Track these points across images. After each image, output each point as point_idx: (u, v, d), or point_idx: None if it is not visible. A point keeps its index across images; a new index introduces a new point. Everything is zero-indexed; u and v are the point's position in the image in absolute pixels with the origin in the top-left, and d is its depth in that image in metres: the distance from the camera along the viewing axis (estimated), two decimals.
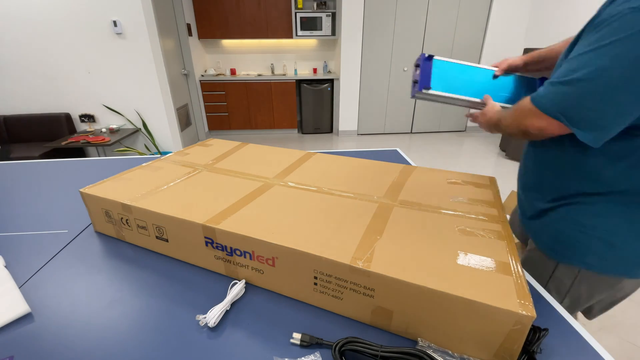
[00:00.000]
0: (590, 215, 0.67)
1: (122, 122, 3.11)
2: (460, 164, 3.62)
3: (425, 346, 0.48)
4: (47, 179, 1.15)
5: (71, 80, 2.90)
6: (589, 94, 0.56)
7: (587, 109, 0.56)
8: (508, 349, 0.44)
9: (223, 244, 0.61)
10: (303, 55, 4.88)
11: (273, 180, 0.80)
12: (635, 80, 0.52)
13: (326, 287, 0.54)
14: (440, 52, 4.33)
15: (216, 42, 4.70)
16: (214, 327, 0.53)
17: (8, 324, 0.54)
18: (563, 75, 0.59)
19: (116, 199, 0.71)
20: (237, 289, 0.59)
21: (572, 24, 3.42)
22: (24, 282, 0.64)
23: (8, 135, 2.96)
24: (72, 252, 0.74)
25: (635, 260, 0.67)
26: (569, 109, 0.58)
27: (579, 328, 0.53)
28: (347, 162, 0.93)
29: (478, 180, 0.80)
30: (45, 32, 2.72)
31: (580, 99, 0.57)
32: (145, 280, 0.64)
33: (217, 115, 4.64)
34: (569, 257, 0.72)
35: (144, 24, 2.75)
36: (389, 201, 0.69)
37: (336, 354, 0.46)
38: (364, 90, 4.46)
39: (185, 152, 1.02)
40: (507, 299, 0.42)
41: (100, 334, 0.52)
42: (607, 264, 0.68)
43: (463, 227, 0.59)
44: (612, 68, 0.53)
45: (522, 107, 0.67)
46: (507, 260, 0.50)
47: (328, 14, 4.28)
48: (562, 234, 0.71)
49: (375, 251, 0.53)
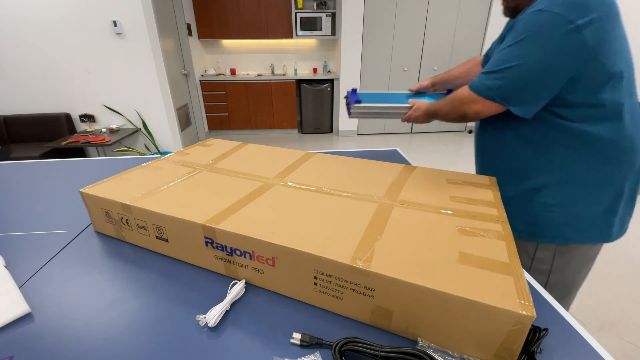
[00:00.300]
0: (552, 195, 0.81)
1: (122, 122, 3.11)
2: (460, 164, 3.63)
3: (425, 346, 0.48)
4: (47, 179, 1.15)
5: (71, 80, 2.90)
6: (514, 78, 0.72)
7: (515, 89, 0.73)
8: (508, 349, 0.44)
9: (223, 244, 0.61)
10: (303, 55, 4.89)
11: (273, 180, 0.80)
12: (546, 64, 0.69)
13: (326, 287, 0.54)
14: (440, 52, 4.34)
15: (216, 42, 4.70)
16: (214, 327, 0.53)
17: (8, 324, 0.54)
18: (493, 67, 0.75)
19: (116, 199, 0.71)
20: (237, 289, 0.59)
21: None
22: (24, 282, 0.64)
23: (8, 135, 2.96)
24: (72, 252, 0.74)
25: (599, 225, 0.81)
26: (502, 91, 0.75)
27: (579, 328, 0.53)
28: (347, 162, 0.93)
29: (478, 180, 0.80)
30: (45, 32, 2.72)
31: (509, 83, 0.73)
32: (145, 280, 0.64)
33: (217, 115, 4.64)
34: (546, 236, 0.84)
35: (144, 24, 2.75)
36: (389, 201, 0.69)
37: (336, 354, 0.46)
38: (364, 90, 4.46)
39: (185, 152, 1.02)
40: (507, 299, 0.42)
41: (100, 334, 0.52)
42: (577, 234, 0.82)
43: (463, 227, 0.59)
44: (528, 56, 0.70)
45: (460, 95, 0.83)
46: (507, 260, 0.50)
47: (328, 14, 4.28)
48: (536, 217, 0.84)
49: (375, 251, 0.53)
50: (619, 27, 0.69)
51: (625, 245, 2.11)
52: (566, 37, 0.66)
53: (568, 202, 0.80)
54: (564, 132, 0.76)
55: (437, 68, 4.41)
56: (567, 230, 0.82)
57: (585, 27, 0.64)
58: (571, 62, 0.68)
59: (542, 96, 0.73)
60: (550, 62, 0.69)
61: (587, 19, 0.64)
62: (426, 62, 4.37)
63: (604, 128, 0.74)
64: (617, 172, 0.77)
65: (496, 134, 0.88)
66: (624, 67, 0.71)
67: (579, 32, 0.65)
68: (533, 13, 0.69)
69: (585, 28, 0.64)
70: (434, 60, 4.37)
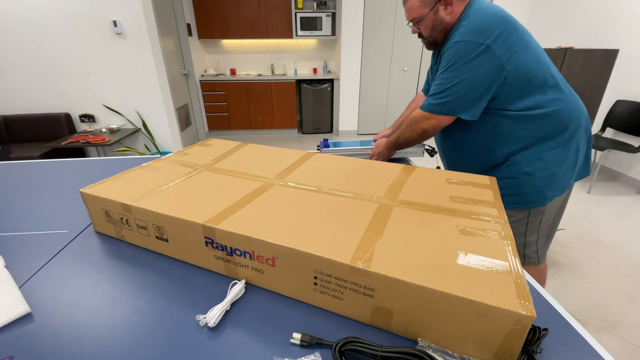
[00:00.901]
0: (528, 163, 0.98)
1: (122, 122, 3.11)
2: None
3: (425, 346, 0.48)
4: (47, 179, 1.15)
5: (71, 80, 2.90)
6: (454, 94, 0.95)
7: (457, 101, 0.95)
8: (508, 349, 0.44)
9: (223, 244, 0.61)
10: (303, 55, 4.89)
11: (273, 180, 0.80)
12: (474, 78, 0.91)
13: (326, 287, 0.54)
14: None
15: (216, 42, 4.70)
16: (214, 327, 0.53)
17: (8, 324, 0.54)
18: (435, 90, 0.98)
19: (116, 199, 0.71)
20: (237, 289, 0.59)
21: (571, 24, 3.42)
22: (24, 282, 0.64)
23: (8, 135, 2.96)
24: (72, 252, 0.74)
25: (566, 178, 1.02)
26: (448, 105, 0.97)
27: (579, 328, 0.53)
28: (347, 162, 0.93)
29: (478, 180, 0.80)
30: (45, 32, 2.71)
31: (451, 99, 0.95)
32: (145, 280, 0.64)
33: (217, 115, 4.64)
34: (535, 201, 1.02)
35: (144, 24, 2.75)
36: (389, 201, 0.69)
37: (336, 354, 0.46)
38: (364, 90, 4.46)
39: (185, 152, 1.02)
40: (507, 299, 0.42)
41: (100, 334, 0.52)
42: (555, 190, 1.01)
43: (463, 227, 0.59)
44: (459, 76, 0.93)
45: (415, 117, 1.05)
46: (507, 260, 0.50)
47: (328, 14, 4.28)
48: (522, 186, 1.01)
49: (375, 251, 0.53)
50: (520, 33, 0.91)
51: (625, 245, 2.11)
52: (481, 55, 0.89)
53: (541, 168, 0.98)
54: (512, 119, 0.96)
55: None
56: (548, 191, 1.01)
57: (493, 43, 0.88)
58: (492, 71, 0.90)
59: (479, 101, 0.94)
60: (476, 75, 0.91)
61: (492, 38, 0.88)
62: (426, 62, 4.37)
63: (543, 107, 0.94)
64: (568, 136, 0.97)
65: (458, 138, 1.08)
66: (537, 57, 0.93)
67: (490, 49, 0.88)
68: (453, 44, 0.93)
69: (493, 44, 0.88)
70: None
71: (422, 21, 1.00)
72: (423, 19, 1.00)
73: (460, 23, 0.94)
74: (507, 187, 1.01)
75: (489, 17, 0.91)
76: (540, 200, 1.01)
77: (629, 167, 2.98)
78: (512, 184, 1.01)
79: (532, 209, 1.04)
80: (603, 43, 3.11)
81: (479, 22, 0.90)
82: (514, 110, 0.95)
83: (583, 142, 1.02)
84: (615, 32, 3.01)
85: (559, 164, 0.98)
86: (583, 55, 2.96)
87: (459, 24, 0.95)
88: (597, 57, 2.97)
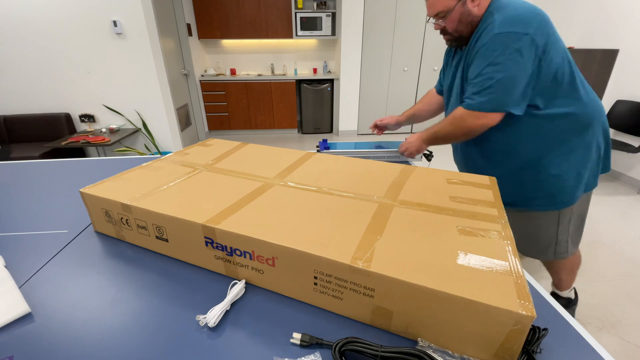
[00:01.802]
0: (555, 165, 0.99)
1: (122, 122, 3.11)
2: None
3: (425, 346, 0.48)
4: (47, 179, 1.15)
5: (71, 80, 2.90)
6: (502, 88, 0.90)
7: (509, 95, 0.91)
8: (508, 349, 0.44)
9: (223, 244, 0.61)
10: (303, 55, 4.88)
11: (273, 180, 0.80)
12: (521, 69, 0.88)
13: (326, 287, 0.54)
14: (440, 52, 4.32)
15: (216, 42, 4.70)
16: (214, 327, 0.53)
17: (8, 324, 0.54)
18: (480, 86, 0.92)
19: (116, 199, 0.71)
20: (237, 289, 0.59)
21: (572, 24, 3.42)
22: (24, 282, 0.64)
23: (8, 135, 2.96)
24: (72, 252, 0.74)
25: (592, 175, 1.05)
26: (497, 101, 0.92)
27: (579, 328, 0.53)
28: (347, 162, 0.93)
29: (478, 180, 0.80)
30: (45, 32, 2.71)
31: (499, 93, 0.91)
32: (145, 280, 0.64)
33: (217, 115, 4.63)
34: (565, 202, 1.04)
35: (144, 24, 2.75)
36: (389, 201, 0.69)
37: (336, 354, 0.46)
38: (364, 90, 4.46)
39: (185, 152, 1.02)
40: (507, 299, 0.42)
41: (100, 334, 0.52)
42: (582, 189, 1.03)
43: (463, 227, 0.59)
44: (505, 69, 0.88)
45: (460, 115, 0.98)
46: (507, 260, 0.50)
47: (328, 14, 4.28)
48: (551, 188, 1.02)
49: (375, 251, 0.53)
50: (552, 26, 0.90)
51: (625, 245, 2.11)
52: (525, 46, 0.86)
53: (568, 169, 0.99)
54: (541, 118, 0.95)
55: (437, 68, 4.40)
56: (577, 190, 1.02)
57: (535, 34, 0.86)
58: (535, 63, 0.88)
59: (526, 93, 0.92)
60: (523, 67, 0.88)
61: (533, 28, 0.86)
62: (426, 62, 4.37)
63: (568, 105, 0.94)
64: (590, 134, 0.98)
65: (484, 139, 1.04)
66: (564, 54, 0.92)
67: (533, 40, 0.86)
68: (493, 37, 0.88)
69: (535, 35, 0.86)
70: (434, 60, 4.37)
71: (449, 14, 0.95)
72: (450, 12, 0.94)
73: (492, 15, 0.90)
74: (536, 190, 1.02)
75: (524, 7, 0.88)
76: (570, 200, 1.03)
77: (629, 167, 2.98)
78: (541, 187, 1.02)
79: (562, 210, 1.05)
80: (603, 43, 3.11)
81: (517, 13, 0.87)
82: (542, 108, 0.94)
83: (602, 139, 1.03)
84: (615, 32, 3.01)
85: (584, 163, 0.99)
86: (583, 56, 2.96)
87: (487, 16, 0.92)
88: (597, 57, 2.97)
